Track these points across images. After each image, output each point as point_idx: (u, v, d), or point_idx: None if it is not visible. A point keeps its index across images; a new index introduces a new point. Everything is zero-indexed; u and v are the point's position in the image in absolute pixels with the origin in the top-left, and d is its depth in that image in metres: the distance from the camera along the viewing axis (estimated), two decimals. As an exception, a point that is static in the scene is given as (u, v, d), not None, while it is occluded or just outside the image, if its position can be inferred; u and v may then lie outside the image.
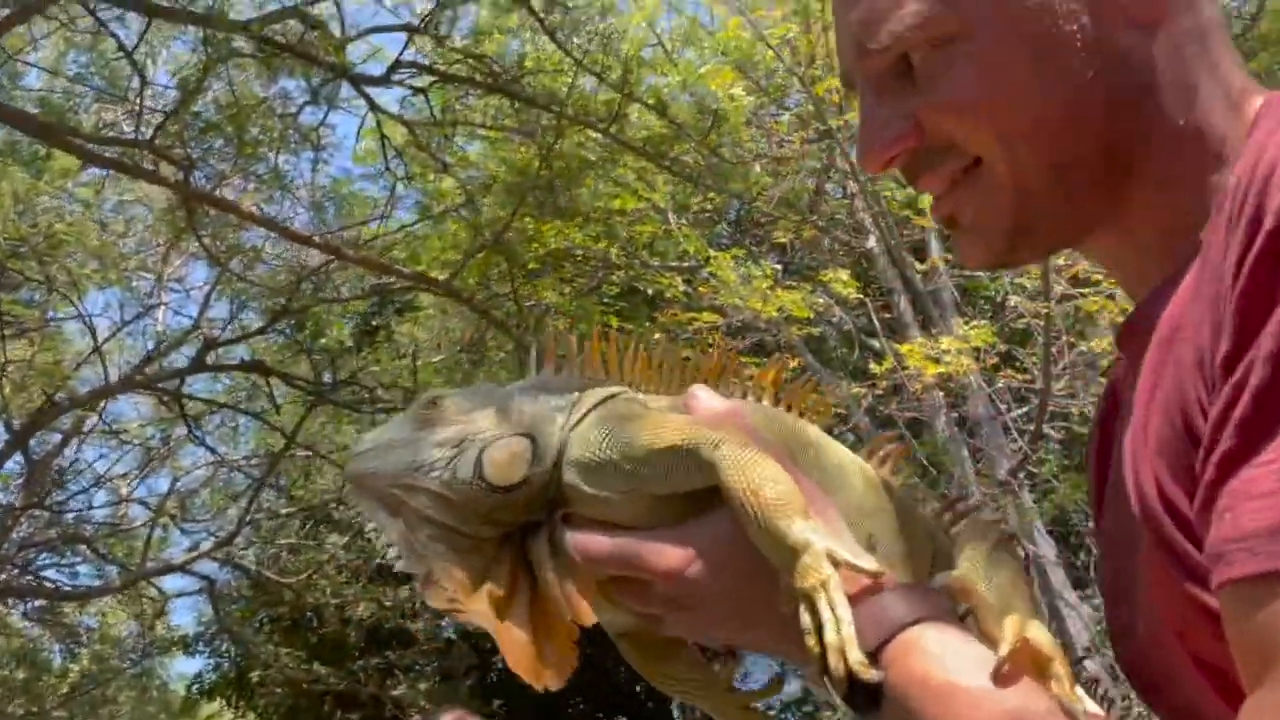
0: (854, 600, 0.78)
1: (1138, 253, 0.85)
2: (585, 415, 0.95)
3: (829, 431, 1.03)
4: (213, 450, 7.26)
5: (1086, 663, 8.54)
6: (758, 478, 0.82)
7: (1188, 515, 0.68)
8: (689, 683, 0.98)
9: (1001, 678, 0.72)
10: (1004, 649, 0.73)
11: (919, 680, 0.74)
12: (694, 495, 0.89)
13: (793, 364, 7.78)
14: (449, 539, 0.91)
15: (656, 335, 1.16)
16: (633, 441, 0.89)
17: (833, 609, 0.76)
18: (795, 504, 0.81)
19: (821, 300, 7.98)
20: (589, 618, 0.93)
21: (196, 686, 11.31)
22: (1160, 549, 0.71)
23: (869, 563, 0.78)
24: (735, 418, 0.92)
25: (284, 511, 8.77)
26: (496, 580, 0.92)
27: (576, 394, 0.98)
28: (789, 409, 1.03)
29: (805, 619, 0.77)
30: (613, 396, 0.98)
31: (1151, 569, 0.74)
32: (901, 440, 1.06)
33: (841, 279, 7.71)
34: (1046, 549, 9.17)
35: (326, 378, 6.35)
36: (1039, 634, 0.76)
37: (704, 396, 0.95)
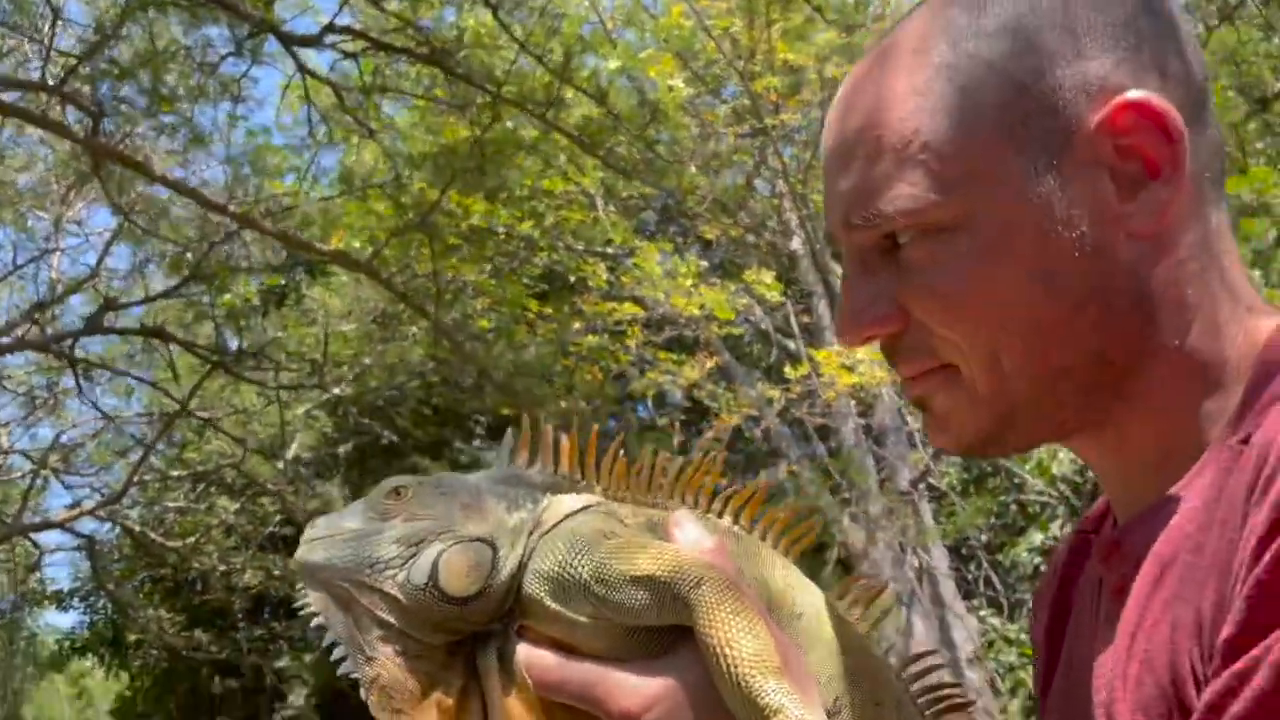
0: None
1: (1121, 465, 0.81)
2: (557, 525, 0.88)
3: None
4: (103, 413, 6.93)
5: (968, 672, 8.78)
6: (736, 628, 0.75)
7: None
8: None
9: None
10: None
11: None
12: (663, 630, 0.81)
13: (710, 362, 7.79)
14: (400, 642, 0.85)
15: (648, 448, 1.10)
16: (607, 563, 0.82)
17: None
18: (772, 663, 0.75)
19: (744, 300, 7.98)
20: None
21: (69, 643, 10.92)
22: None
23: None
24: (719, 555, 0.84)
25: (174, 474, 8.44)
26: (446, 689, 0.85)
27: (547, 497, 0.91)
28: (765, 536, 0.97)
29: None
30: (588, 508, 0.90)
31: None
32: (873, 585, 1.00)
33: (765, 281, 7.71)
34: (940, 560, 9.37)
35: (231, 343, 6.11)
36: None
37: (689, 527, 0.88)
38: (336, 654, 0.87)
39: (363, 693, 0.84)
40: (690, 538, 0.86)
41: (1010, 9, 0.78)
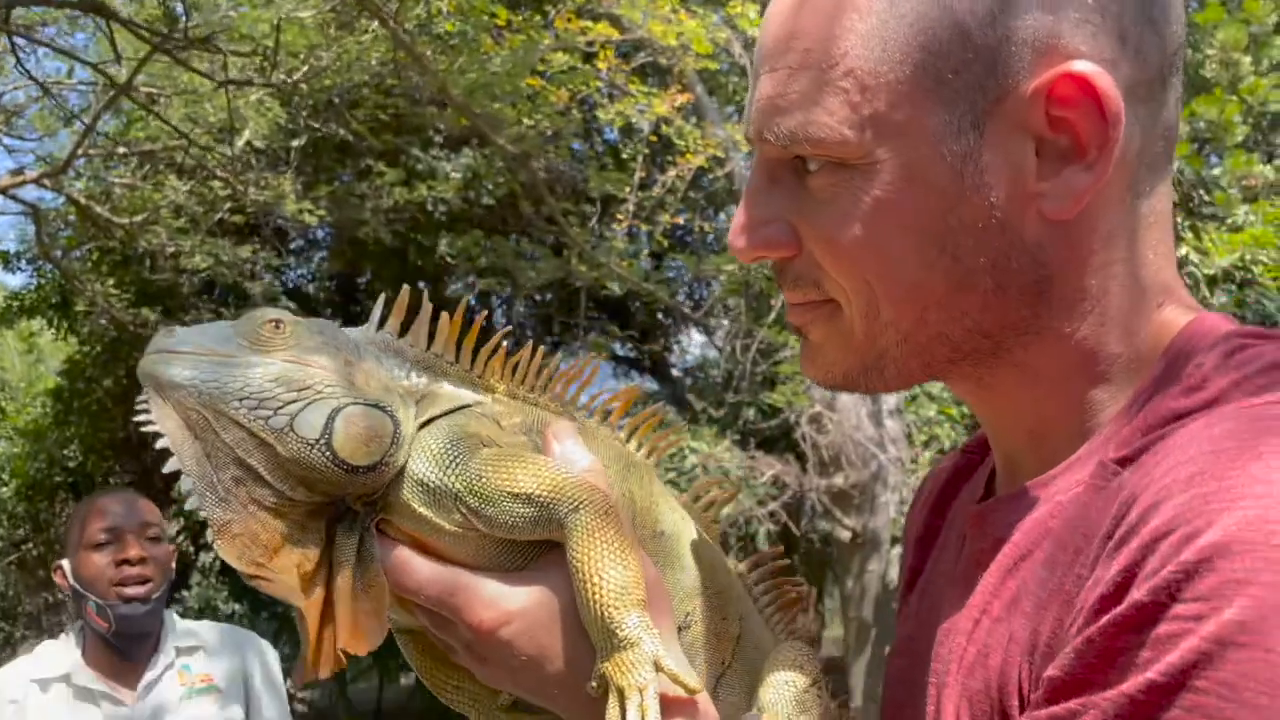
0: (665, 711, 0.75)
1: (1001, 426, 0.81)
2: (433, 420, 0.85)
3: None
4: (41, 84, 6.57)
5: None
6: (607, 558, 0.77)
7: None
8: (466, 692, 0.92)
9: None
10: None
11: None
12: (529, 543, 0.82)
13: (682, 98, 7.53)
14: (258, 488, 0.79)
15: (529, 345, 0.99)
16: (483, 475, 0.80)
17: (643, 716, 0.73)
18: (636, 595, 0.77)
19: (724, 34, 7.62)
20: (364, 648, 0.84)
21: (17, 302, 10.95)
22: None
23: (692, 679, 0.76)
24: (597, 474, 0.85)
25: (120, 151, 8.17)
26: (303, 552, 0.81)
27: (425, 381, 0.87)
28: (633, 443, 0.97)
29: (613, 713, 0.74)
30: (467, 407, 0.87)
31: None
32: (727, 488, 1.02)
33: (749, 15, 7.34)
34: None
35: (178, 13, 5.73)
36: None
37: (568, 442, 0.87)
38: (183, 485, 0.80)
39: (210, 534, 0.79)
40: (569, 452, 0.85)
41: None
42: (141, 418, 0.81)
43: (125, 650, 2.53)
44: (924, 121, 0.70)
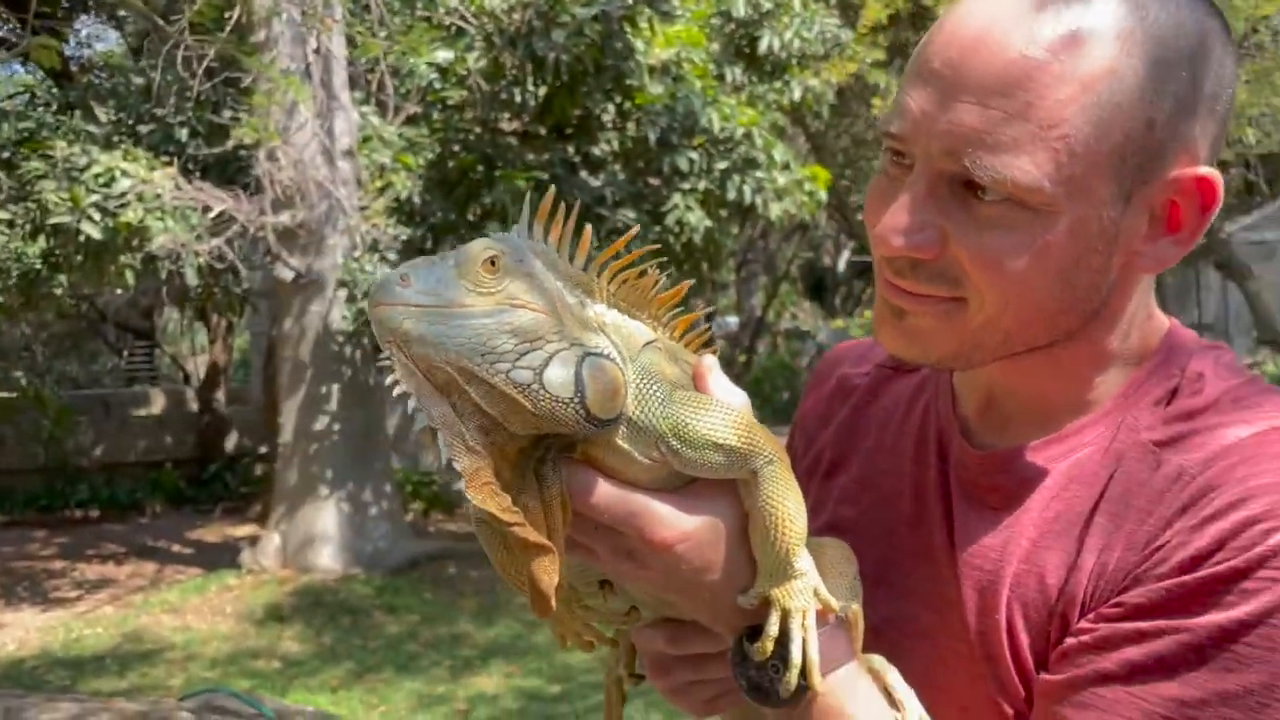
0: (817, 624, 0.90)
1: (1005, 393, 1.02)
2: (634, 360, 0.88)
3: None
4: None
5: (341, 163, 8.99)
6: (793, 508, 0.88)
7: (1023, 652, 0.93)
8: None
9: None
10: (909, 717, 0.93)
11: (843, 712, 0.91)
12: None
13: None
14: (494, 435, 0.81)
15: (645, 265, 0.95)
16: (688, 423, 0.87)
17: (805, 634, 0.89)
18: (804, 534, 0.90)
19: None
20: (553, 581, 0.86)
21: None
22: (986, 663, 0.95)
23: (834, 602, 0.91)
24: (749, 409, 0.93)
25: None
26: (523, 487, 0.84)
27: (599, 309, 0.88)
28: (678, 336, 1.01)
29: (773, 627, 0.88)
30: (651, 343, 0.91)
31: (962, 661, 0.97)
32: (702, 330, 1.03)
33: None
34: (338, 47, 9.13)
35: None
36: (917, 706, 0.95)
37: (720, 378, 0.94)
38: (439, 439, 0.80)
39: (463, 482, 0.80)
40: (722, 389, 0.92)
41: (1179, 42, 0.86)
42: (390, 379, 0.79)
43: None
44: (1099, 188, 0.85)
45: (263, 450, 12.07)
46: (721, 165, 9.14)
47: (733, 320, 23.60)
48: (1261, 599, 0.81)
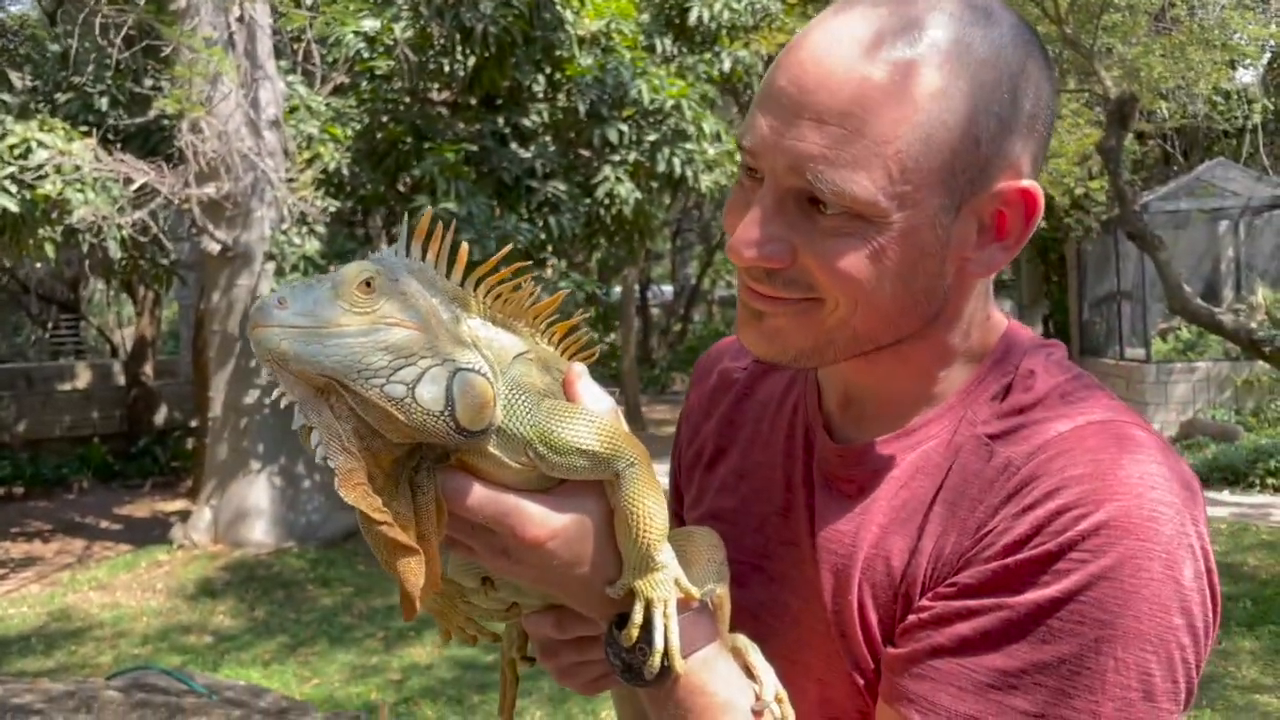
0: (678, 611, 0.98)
1: (861, 386, 1.10)
2: (504, 372, 0.94)
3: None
4: None
5: (267, 134, 8.86)
6: (653, 506, 0.95)
7: (873, 629, 1.02)
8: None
9: (755, 713, 1.01)
10: (765, 693, 1.02)
11: (705, 690, 0.99)
12: None
13: None
14: (370, 440, 0.86)
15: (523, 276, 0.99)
16: (553, 430, 0.92)
17: (667, 621, 0.96)
18: (665, 529, 0.97)
19: None
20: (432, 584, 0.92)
21: None
22: (841, 640, 1.04)
23: (694, 590, 0.99)
24: (618, 415, 1.00)
25: None
26: (402, 493, 0.90)
27: (474, 325, 0.93)
28: (555, 342, 1.06)
29: (638, 615, 0.96)
30: (522, 354, 0.96)
31: (821, 640, 1.06)
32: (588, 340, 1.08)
33: None
34: (263, 16, 8.97)
35: None
36: (778, 688, 1.04)
37: (589, 385, 1.00)
38: (313, 439, 0.85)
39: (336, 481, 0.85)
40: (591, 395, 0.99)
41: (1000, 67, 0.94)
42: (275, 393, 0.83)
43: None
44: (930, 200, 0.93)
45: (193, 424, 11.92)
46: (651, 137, 9.17)
47: (668, 289, 23.66)
48: (1072, 578, 0.90)
